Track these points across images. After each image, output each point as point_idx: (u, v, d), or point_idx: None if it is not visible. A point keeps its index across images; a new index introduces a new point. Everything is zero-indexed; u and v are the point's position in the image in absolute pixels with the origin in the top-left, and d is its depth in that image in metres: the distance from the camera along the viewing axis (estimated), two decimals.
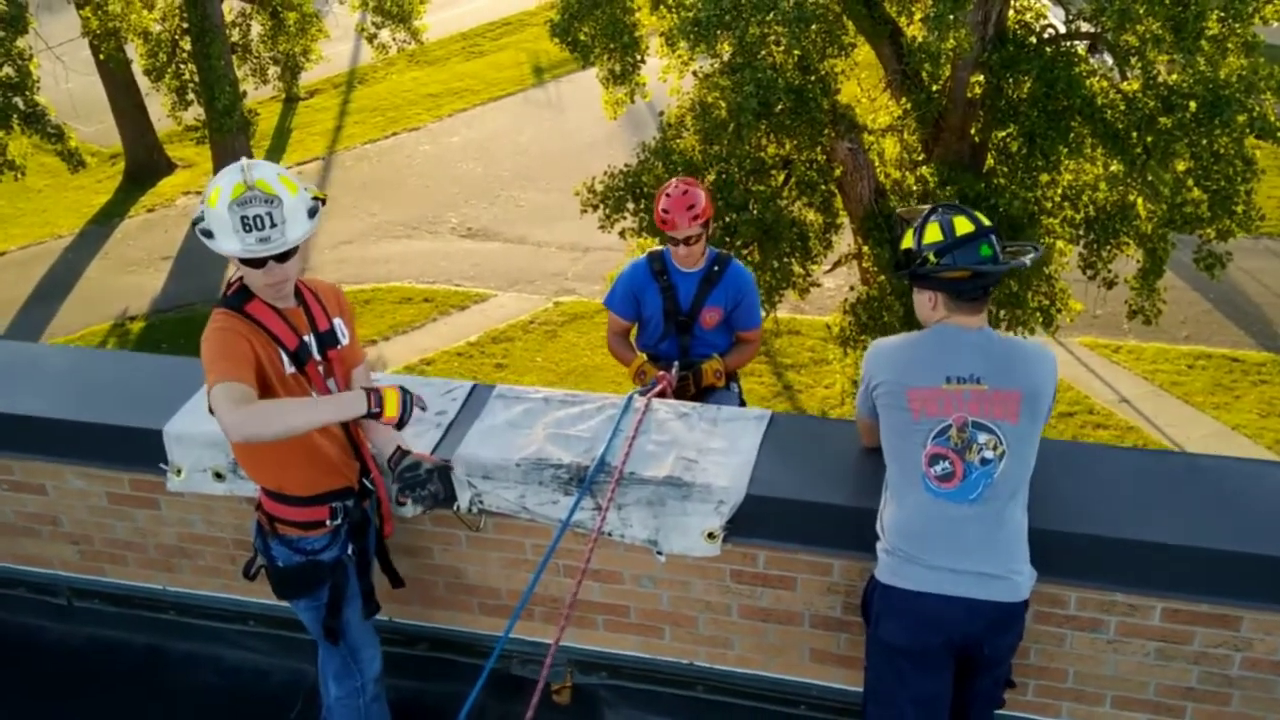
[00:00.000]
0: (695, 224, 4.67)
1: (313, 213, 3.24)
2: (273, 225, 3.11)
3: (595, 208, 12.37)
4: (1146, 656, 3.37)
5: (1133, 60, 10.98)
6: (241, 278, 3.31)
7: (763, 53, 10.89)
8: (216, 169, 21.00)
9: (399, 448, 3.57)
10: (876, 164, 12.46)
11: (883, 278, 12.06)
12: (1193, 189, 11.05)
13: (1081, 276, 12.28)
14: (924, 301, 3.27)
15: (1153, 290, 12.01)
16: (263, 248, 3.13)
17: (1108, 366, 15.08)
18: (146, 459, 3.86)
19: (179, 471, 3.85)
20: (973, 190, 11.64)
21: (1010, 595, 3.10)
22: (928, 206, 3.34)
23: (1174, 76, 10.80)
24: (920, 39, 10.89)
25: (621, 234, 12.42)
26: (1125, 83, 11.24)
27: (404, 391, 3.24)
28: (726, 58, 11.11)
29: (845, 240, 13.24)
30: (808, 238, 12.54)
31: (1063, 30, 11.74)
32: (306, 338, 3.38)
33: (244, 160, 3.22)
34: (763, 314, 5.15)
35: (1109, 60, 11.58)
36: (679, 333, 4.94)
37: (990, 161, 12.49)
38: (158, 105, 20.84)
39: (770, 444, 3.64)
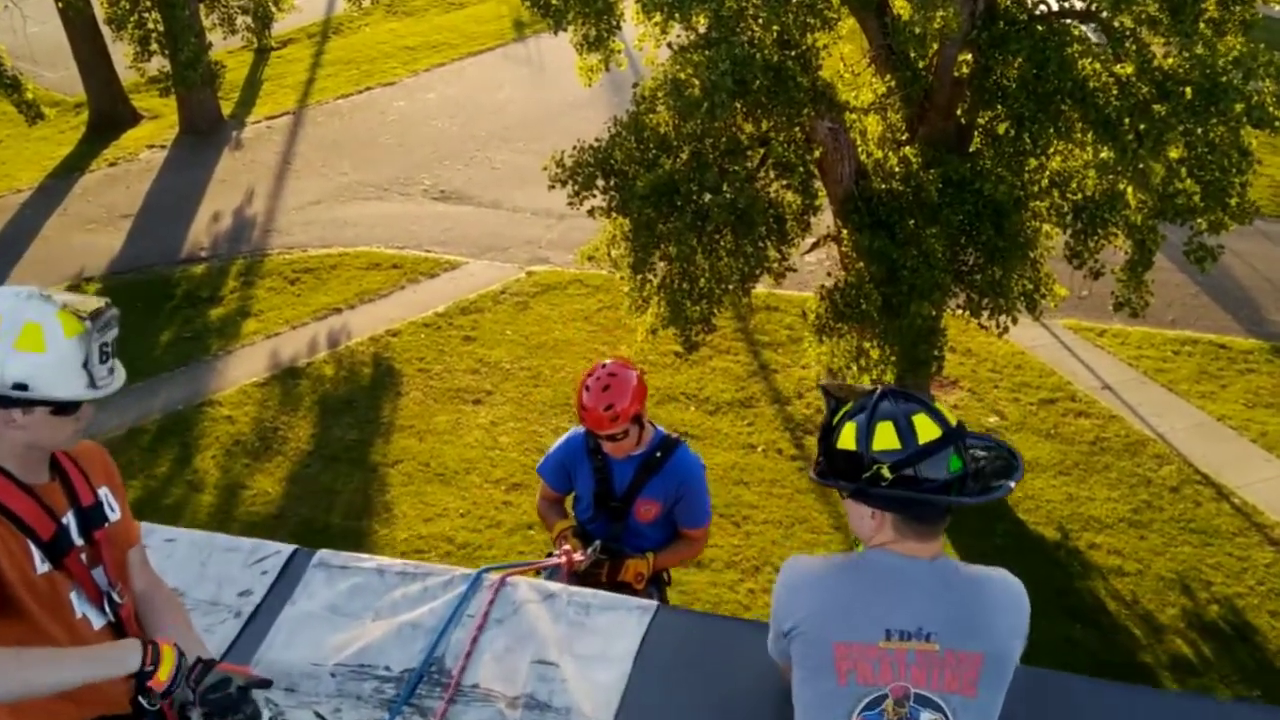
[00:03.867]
0: (614, 426, 4.08)
1: None
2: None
3: (563, 183, 11.82)
4: None
5: (1128, 43, 10.46)
6: None
7: (740, 26, 10.33)
8: (182, 122, 20.54)
9: (200, 658, 2.65)
10: (858, 143, 11.93)
11: (861, 264, 11.60)
12: (1185, 179, 10.57)
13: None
14: (864, 515, 2.48)
15: (1140, 283, 11.57)
16: (112, 379, 2.60)
17: (1091, 351, 14.65)
18: None
19: None
20: (958, 173, 11.17)
21: None
22: (865, 387, 2.59)
23: (1169, 61, 10.29)
24: (906, 17, 10.35)
25: (590, 212, 11.91)
26: (1119, 65, 10.70)
27: (182, 657, 2.56)
28: (702, 30, 10.54)
29: (825, 221, 12.74)
30: (784, 220, 12.05)
31: (1056, 8, 11.19)
32: (65, 519, 2.67)
33: (32, 288, 2.61)
34: (708, 508, 4.39)
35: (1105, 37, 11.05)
36: (611, 519, 4.30)
37: (976, 143, 11.97)
38: (122, 54, 20.12)
39: (652, 650, 2.96)
